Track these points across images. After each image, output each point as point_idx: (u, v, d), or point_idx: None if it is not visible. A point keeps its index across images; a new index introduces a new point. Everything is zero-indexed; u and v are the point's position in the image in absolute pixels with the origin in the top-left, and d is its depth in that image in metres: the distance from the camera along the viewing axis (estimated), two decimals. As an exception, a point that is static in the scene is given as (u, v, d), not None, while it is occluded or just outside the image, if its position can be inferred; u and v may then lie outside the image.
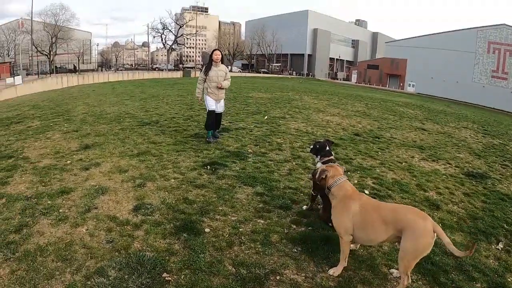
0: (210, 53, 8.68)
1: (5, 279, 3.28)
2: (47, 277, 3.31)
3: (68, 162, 6.77)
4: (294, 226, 4.47)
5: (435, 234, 3.08)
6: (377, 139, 10.42)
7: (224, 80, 8.43)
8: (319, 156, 4.76)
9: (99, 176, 5.99)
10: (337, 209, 3.59)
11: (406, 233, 3.12)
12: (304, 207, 4.99)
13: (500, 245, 4.57)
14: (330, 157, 4.69)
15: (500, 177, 7.89)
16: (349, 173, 6.81)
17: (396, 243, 3.36)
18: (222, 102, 8.70)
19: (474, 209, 5.72)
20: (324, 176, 3.71)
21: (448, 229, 4.78)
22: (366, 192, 5.81)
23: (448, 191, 6.42)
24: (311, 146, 5.00)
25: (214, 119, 8.53)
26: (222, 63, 8.62)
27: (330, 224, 3.97)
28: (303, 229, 4.42)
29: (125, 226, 4.25)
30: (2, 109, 17.18)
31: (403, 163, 7.99)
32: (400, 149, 9.37)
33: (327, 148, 4.81)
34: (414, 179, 6.91)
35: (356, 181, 6.37)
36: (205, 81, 8.44)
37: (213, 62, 8.37)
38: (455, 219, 5.18)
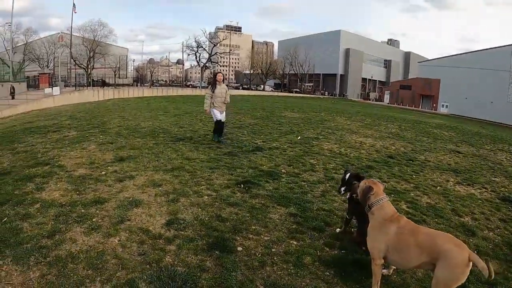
0: (214, 75, 11.06)
1: (35, 282, 3.34)
2: (77, 284, 3.35)
3: (103, 173, 6.92)
4: (327, 249, 4.38)
5: (471, 263, 2.95)
6: (411, 161, 10.19)
7: (226, 95, 10.63)
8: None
9: (133, 188, 6.08)
10: (374, 230, 3.50)
11: (441, 261, 3.01)
12: (338, 230, 4.88)
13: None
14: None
15: (538, 203, 7.53)
16: (389, 197, 6.65)
17: (431, 271, 3.22)
18: (224, 113, 10.84)
19: (510, 235, 5.46)
20: (367, 190, 3.59)
21: (484, 256, 4.52)
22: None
23: (484, 217, 6.17)
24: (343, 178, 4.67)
25: (220, 127, 10.77)
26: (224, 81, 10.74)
27: (363, 248, 3.90)
28: (336, 252, 4.32)
29: (158, 240, 4.26)
30: (40, 118, 17.82)
31: (438, 187, 7.75)
32: (435, 173, 9.12)
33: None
34: (449, 203, 6.69)
35: (390, 205, 6.21)
36: (211, 97, 10.49)
37: (217, 82, 10.55)
38: (490, 246, 4.96)
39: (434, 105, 73.39)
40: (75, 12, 51.47)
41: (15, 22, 58.55)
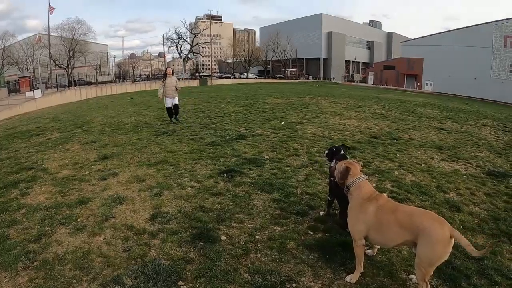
0: (165, 70, 14.11)
1: (24, 287, 3.35)
2: (64, 285, 3.36)
3: (87, 172, 6.88)
4: (311, 233, 4.43)
5: (453, 239, 3.00)
6: (395, 141, 10.27)
7: (176, 85, 13.24)
8: (334, 160, 4.70)
9: (116, 185, 6.07)
10: (353, 211, 3.55)
11: (422, 239, 3.04)
12: (321, 213, 4.92)
13: (524, 247, 4.39)
14: (341, 148, 4.87)
15: (523, 176, 7.64)
16: (367, 176, 6.71)
17: (413, 248, 3.26)
18: (176, 99, 13.22)
19: (496, 209, 5.53)
20: (345, 171, 3.65)
21: (470, 232, 4.65)
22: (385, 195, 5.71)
23: (469, 192, 6.25)
24: (327, 151, 5.06)
25: (171, 111, 13.21)
26: (173, 74, 13.61)
27: (347, 230, 3.83)
28: (320, 235, 4.37)
29: (142, 235, 4.28)
30: (22, 122, 17.58)
31: (422, 165, 7.84)
32: (419, 150, 9.21)
33: (342, 151, 4.83)
34: (434, 180, 6.76)
35: (374, 185, 6.25)
36: (163, 87, 13.04)
37: (167, 75, 13.26)
38: (476, 221, 5.02)
39: (419, 84, 73.76)
40: (51, 14, 50.34)
41: (-9, 26, 57.15)
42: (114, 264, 3.69)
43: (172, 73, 13.79)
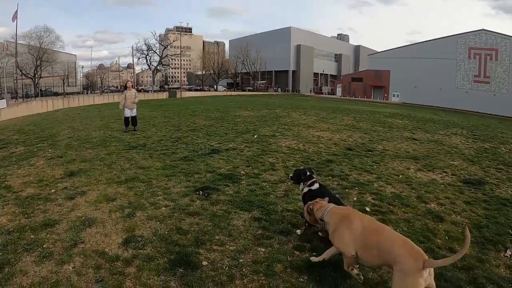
0: (125, 83, 15.83)
1: None
2: (30, 323, 3.01)
3: (53, 191, 6.48)
4: (298, 253, 4.20)
5: (428, 270, 2.97)
6: (370, 152, 10.29)
7: (135, 97, 14.31)
8: (302, 183, 4.83)
9: (85, 206, 5.69)
10: (337, 232, 3.59)
11: (395, 269, 3.06)
12: (298, 231, 4.70)
13: (509, 252, 4.45)
14: (313, 179, 4.80)
15: (497, 182, 7.82)
16: (347, 190, 6.60)
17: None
18: (134, 110, 14.20)
19: (477, 217, 5.58)
20: (309, 210, 3.92)
21: (455, 241, 4.62)
22: (367, 209, 5.59)
23: (449, 201, 6.27)
24: (291, 175, 5.14)
25: (128, 121, 14.02)
26: (133, 88, 14.91)
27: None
28: (307, 255, 4.14)
29: (115, 263, 3.94)
30: (-15, 135, 16.75)
31: (400, 176, 7.83)
32: (395, 161, 9.23)
33: (308, 173, 4.88)
34: (414, 191, 6.75)
35: (355, 198, 6.18)
36: (124, 99, 14.05)
37: (127, 88, 14.48)
38: (460, 230, 5.01)
39: (386, 95, 75.57)
40: (13, 21, 48.77)
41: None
42: (86, 297, 3.35)
43: (132, 86, 15.04)
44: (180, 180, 7.10)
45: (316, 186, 4.72)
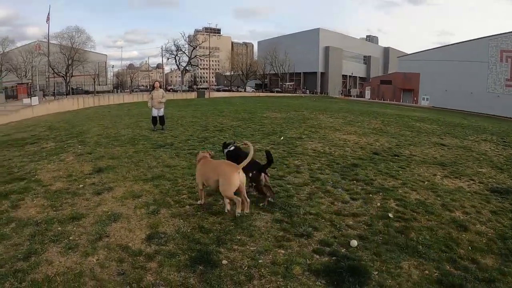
0: (153, 83, 15.85)
1: None
2: (52, 310, 3.11)
3: (81, 186, 6.66)
4: (317, 256, 4.19)
5: (240, 172, 5.12)
6: (396, 157, 10.11)
7: (162, 97, 14.54)
8: (224, 148, 6.69)
9: (111, 201, 5.84)
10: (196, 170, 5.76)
11: (220, 178, 5.12)
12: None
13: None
14: (230, 146, 6.62)
15: (526, 191, 7.50)
16: (370, 195, 6.51)
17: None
18: (162, 110, 14.48)
19: (503, 228, 5.37)
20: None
21: (479, 252, 4.47)
22: (390, 215, 5.51)
23: (475, 210, 6.08)
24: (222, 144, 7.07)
25: (155, 120, 14.37)
26: (161, 88, 15.36)
27: (268, 198, 5.79)
28: (326, 259, 4.13)
29: (138, 257, 4.04)
30: (18, 129, 17.35)
31: (426, 182, 7.65)
32: (421, 167, 9.04)
33: (227, 142, 6.87)
34: (439, 198, 6.58)
35: (379, 204, 6.07)
36: (152, 99, 14.48)
37: (154, 88, 14.82)
38: (484, 240, 4.85)
39: (415, 98, 74.25)
40: (46, 23, 50.18)
41: (-10, 32, 57.17)
42: (108, 288, 3.44)
43: (160, 86, 15.45)
44: (205, 179, 7.15)
45: (231, 148, 6.52)
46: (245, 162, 5.14)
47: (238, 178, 5.02)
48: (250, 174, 5.66)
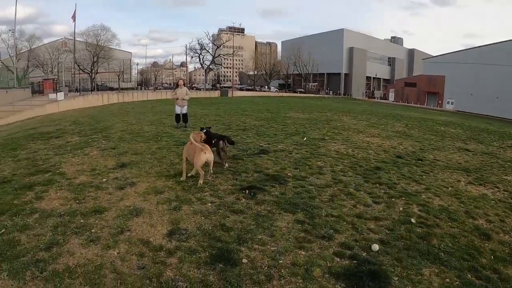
0: (177, 81, 16.89)
1: None
2: (72, 301, 3.17)
3: (104, 180, 6.77)
4: (338, 259, 4.14)
5: (206, 153, 6.68)
6: (420, 161, 9.91)
7: (186, 95, 14.81)
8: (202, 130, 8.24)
9: (134, 196, 5.91)
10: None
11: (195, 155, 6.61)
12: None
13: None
14: (205, 130, 8.33)
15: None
16: (393, 199, 6.41)
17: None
18: (185, 107, 14.78)
19: (526, 238, 5.19)
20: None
21: (501, 262, 4.34)
22: (413, 220, 5.41)
23: (499, 219, 5.89)
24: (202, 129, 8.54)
25: (178, 118, 14.69)
26: (184, 86, 15.68)
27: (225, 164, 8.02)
28: (347, 262, 4.08)
29: (158, 252, 4.08)
30: (44, 123, 17.76)
31: (449, 188, 7.47)
32: (445, 172, 8.84)
33: (204, 128, 8.61)
34: (462, 205, 6.41)
35: (401, 208, 5.96)
36: (176, 95, 14.78)
37: (179, 86, 15.12)
38: (507, 250, 4.70)
39: (440, 102, 72.76)
40: (73, 21, 51.18)
41: (19, 29, 58.68)
42: (128, 282, 3.49)
43: (184, 84, 15.92)
44: (227, 178, 7.18)
45: (204, 130, 8.18)
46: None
47: (204, 156, 6.64)
48: (213, 141, 7.95)
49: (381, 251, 4.36)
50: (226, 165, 8.01)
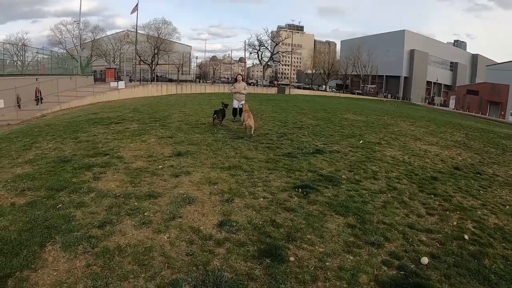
0: (235, 76, 17.05)
1: (79, 271, 3.40)
2: (120, 278, 3.35)
3: (160, 167, 7.03)
4: (385, 268, 4.04)
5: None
6: (478, 175, 9.40)
7: (244, 89, 14.82)
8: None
9: (188, 185, 6.09)
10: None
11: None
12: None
13: None
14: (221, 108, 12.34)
15: None
16: (447, 212, 6.14)
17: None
18: (242, 102, 14.56)
19: None
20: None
21: None
22: (466, 237, 5.16)
23: (559, 245, 5.49)
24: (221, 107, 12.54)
25: (235, 112, 14.89)
26: (243, 81, 15.85)
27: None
28: (394, 272, 3.98)
29: (207, 241, 4.19)
30: (104, 109, 18.61)
31: (507, 206, 6.98)
32: (504, 189, 8.31)
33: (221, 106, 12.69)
34: (519, 226, 6.03)
35: (455, 223, 5.68)
36: (234, 89, 14.91)
37: (237, 81, 15.28)
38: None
39: (502, 113, 68.14)
40: (131, 14, 53.45)
41: (84, 21, 62.19)
42: (175, 266, 3.62)
43: (242, 79, 16.18)
44: (281, 175, 7.18)
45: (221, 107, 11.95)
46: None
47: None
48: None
49: (430, 265, 4.20)
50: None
